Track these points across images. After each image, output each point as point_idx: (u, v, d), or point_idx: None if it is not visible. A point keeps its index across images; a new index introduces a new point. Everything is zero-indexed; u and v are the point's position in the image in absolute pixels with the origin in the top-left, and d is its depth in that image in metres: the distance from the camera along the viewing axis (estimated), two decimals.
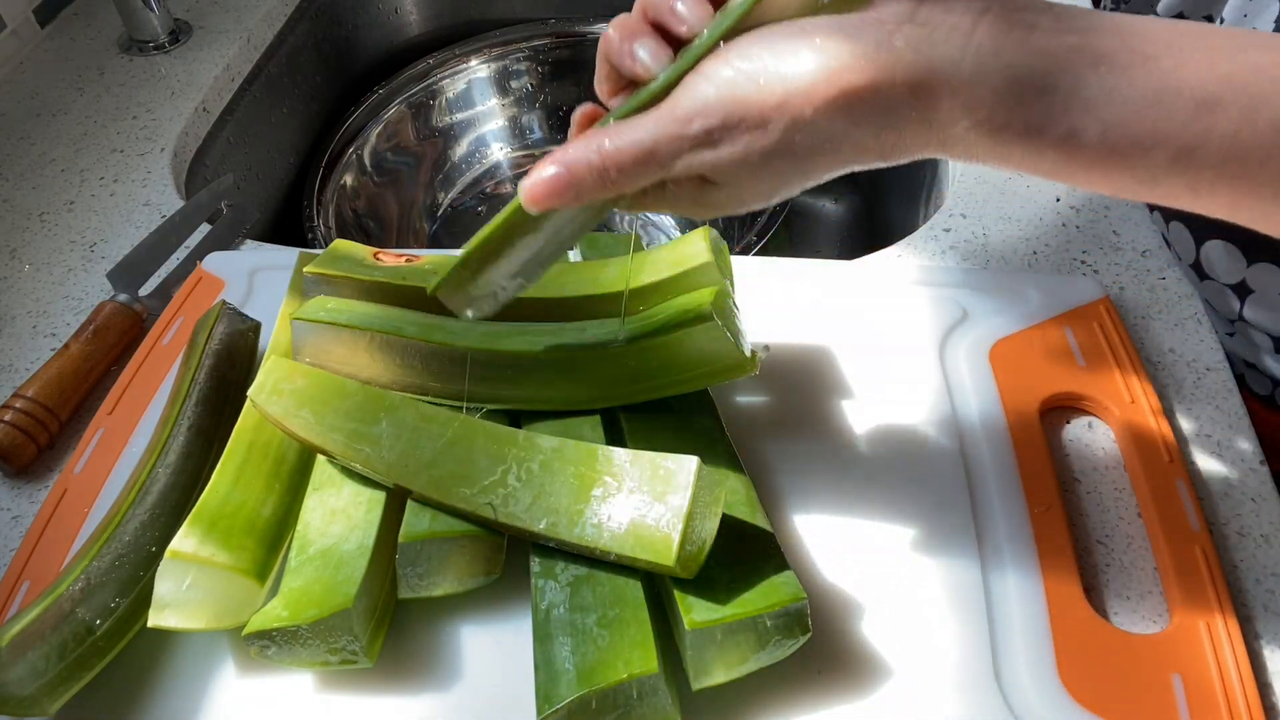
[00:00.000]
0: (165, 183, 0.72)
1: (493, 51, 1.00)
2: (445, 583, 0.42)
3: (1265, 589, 0.44)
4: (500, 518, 0.40)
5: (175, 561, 0.40)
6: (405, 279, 0.49)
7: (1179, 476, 0.47)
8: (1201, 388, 0.52)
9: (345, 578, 0.40)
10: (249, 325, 0.54)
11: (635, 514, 0.39)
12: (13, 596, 0.45)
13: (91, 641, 0.40)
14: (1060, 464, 0.49)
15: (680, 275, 0.46)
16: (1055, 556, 0.44)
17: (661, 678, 0.36)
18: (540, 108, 1.04)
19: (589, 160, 0.34)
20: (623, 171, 0.34)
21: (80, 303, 0.63)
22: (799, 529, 0.46)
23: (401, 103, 0.96)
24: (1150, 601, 0.44)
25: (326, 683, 0.42)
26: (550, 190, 0.35)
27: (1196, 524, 0.45)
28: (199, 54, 0.85)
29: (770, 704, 0.40)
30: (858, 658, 0.41)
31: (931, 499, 0.47)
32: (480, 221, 1.01)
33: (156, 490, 0.44)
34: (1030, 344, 0.53)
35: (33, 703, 0.38)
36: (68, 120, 0.79)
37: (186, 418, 0.47)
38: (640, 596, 0.39)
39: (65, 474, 0.50)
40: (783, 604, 0.37)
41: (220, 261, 0.62)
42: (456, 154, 1.02)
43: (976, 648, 0.41)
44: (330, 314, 0.47)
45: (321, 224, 0.84)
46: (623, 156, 0.34)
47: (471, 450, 0.42)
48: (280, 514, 0.44)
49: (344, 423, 0.43)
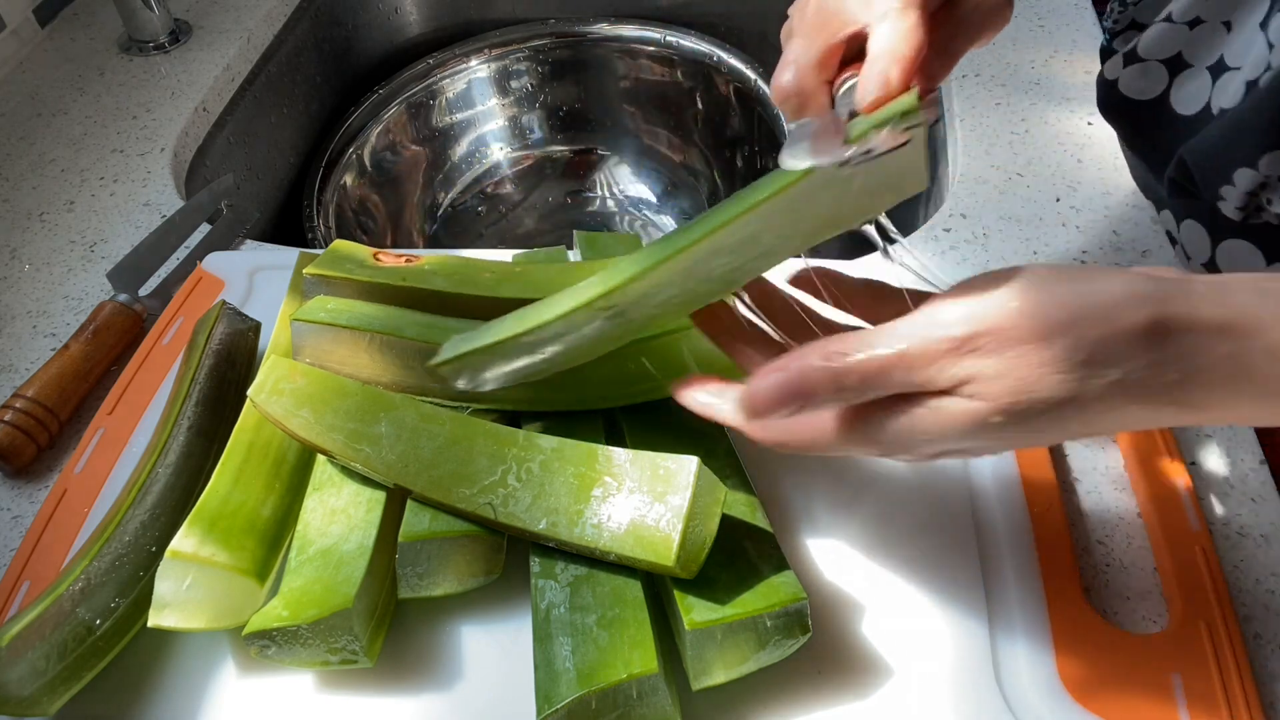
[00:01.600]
0: (165, 183, 0.72)
1: (493, 51, 1.00)
2: (445, 583, 0.42)
3: (1265, 589, 0.44)
4: (500, 518, 0.40)
5: (175, 561, 0.40)
6: (405, 280, 0.49)
7: (1179, 476, 0.47)
8: None
9: (345, 578, 0.40)
10: (249, 325, 0.54)
11: (635, 514, 0.39)
12: (13, 596, 0.45)
13: (91, 641, 0.40)
14: (1060, 464, 0.49)
15: None
16: (1055, 556, 0.44)
17: (661, 678, 0.36)
18: (540, 108, 1.04)
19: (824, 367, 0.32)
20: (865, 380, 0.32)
21: (80, 303, 0.63)
22: (799, 529, 0.46)
23: (401, 103, 0.96)
24: (1150, 601, 0.44)
25: (326, 683, 0.42)
26: (779, 400, 0.33)
27: (1196, 524, 0.45)
28: (199, 54, 0.85)
29: (770, 704, 0.40)
30: (858, 658, 0.41)
31: (932, 499, 0.47)
32: (480, 221, 1.02)
33: (156, 490, 0.44)
34: None
35: (33, 703, 0.38)
36: (68, 120, 0.79)
37: (186, 418, 0.47)
38: (640, 596, 0.39)
39: (65, 474, 0.50)
40: (783, 604, 0.37)
41: (220, 261, 0.62)
42: (456, 154, 1.02)
43: (976, 648, 0.41)
44: (330, 315, 0.47)
45: (321, 224, 0.84)
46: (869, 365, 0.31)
47: (471, 450, 0.42)
48: (280, 514, 0.44)
49: (344, 422, 0.43)
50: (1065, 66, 0.75)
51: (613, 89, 1.03)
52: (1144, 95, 0.52)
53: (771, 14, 1.01)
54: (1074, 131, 0.69)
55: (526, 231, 1.02)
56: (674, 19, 1.00)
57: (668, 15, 1.02)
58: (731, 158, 0.98)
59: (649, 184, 1.04)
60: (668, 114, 1.02)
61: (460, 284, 0.49)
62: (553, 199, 1.04)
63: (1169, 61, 0.51)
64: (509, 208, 1.03)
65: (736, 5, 1.02)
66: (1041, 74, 0.74)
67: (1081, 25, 0.79)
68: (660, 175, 1.03)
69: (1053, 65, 0.75)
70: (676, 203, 1.02)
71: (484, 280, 0.49)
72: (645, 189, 1.03)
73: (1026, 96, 0.72)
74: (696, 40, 0.97)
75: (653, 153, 1.04)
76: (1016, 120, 0.70)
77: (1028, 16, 0.80)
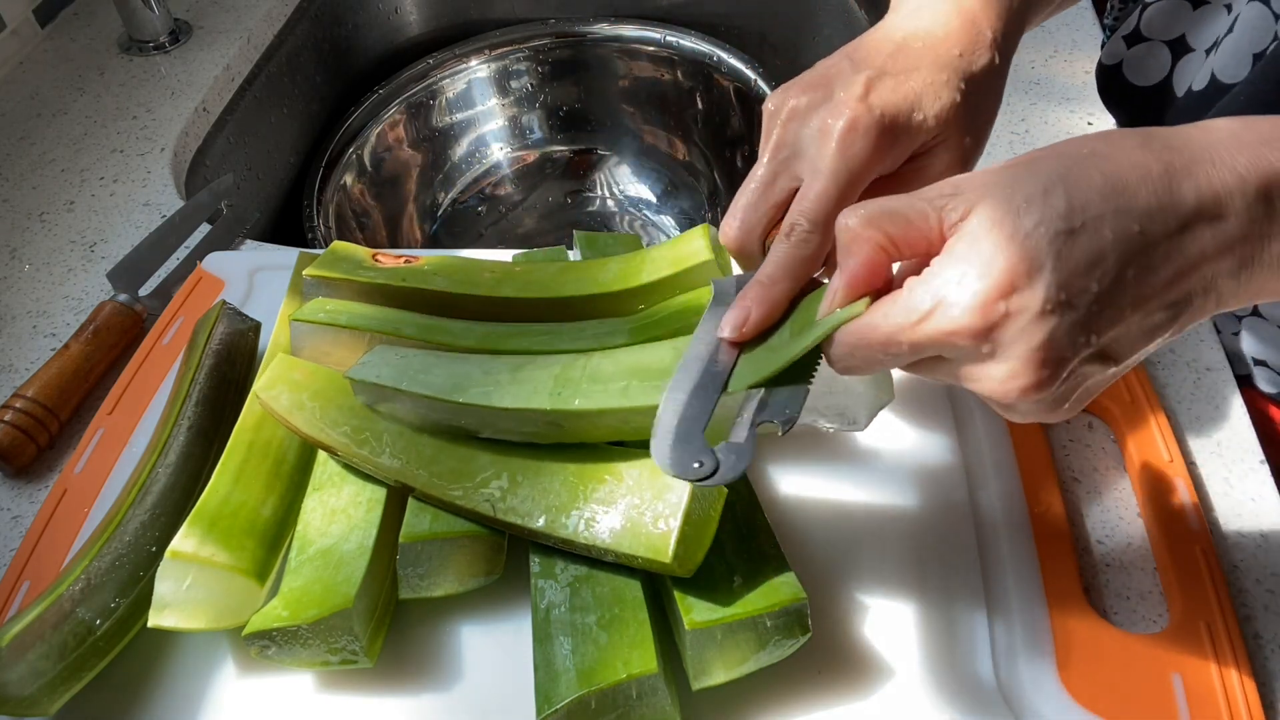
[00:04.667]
0: (165, 183, 0.72)
1: (493, 51, 1.00)
2: (446, 583, 0.42)
3: (1265, 589, 0.44)
4: (499, 514, 0.40)
5: (175, 561, 0.40)
6: (405, 280, 0.49)
7: (1179, 476, 0.47)
8: (1201, 388, 0.52)
9: (345, 578, 0.40)
10: (249, 325, 0.54)
11: (633, 511, 0.39)
12: (13, 596, 0.45)
13: (91, 641, 0.40)
14: (1060, 464, 0.49)
15: (681, 273, 0.46)
16: (1055, 556, 0.44)
17: (661, 677, 0.36)
18: (540, 108, 1.04)
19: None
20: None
21: (80, 303, 0.63)
22: (799, 529, 0.46)
23: (401, 103, 0.96)
24: (1150, 601, 0.44)
25: (326, 683, 0.42)
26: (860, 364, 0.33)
27: (1196, 524, 0.45)
28: (199, 54, 0.85)
29: (770, 704, 0.40)
30: (858, 658, 0.41)
31: (932, 499, 0.47)
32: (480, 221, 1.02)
33: (156, 490, 0.44)
34: None
35: (33, 703, 0.38)
36: (68, 120, 0.79)
37: (186, 418, 0.47)
38: (640, 596, 0.39)
39: (65, 474, 0.50)
40: (783, 604, 0.37)
41: (220, 261, 0.62)
42: (456, 154, 1.02)
43: (976, 648, 0.41)
44: (329, 315, 0.47)
45: (321, 224, 0.84)
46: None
47: (471, 447, 0.42)
48: (280, 514, 0.44)
49: (348, 419, 0.43)
50: (1065, 66, 0.75)
51: (613, 89, 1.03)
52: (1148, 81, 0.52)
53: (771, 14, 1.01)
54: (1074, 131, 0.69)
55: (526, 231, 1.02)
56: (674, 19, 1.00)
57: (668, 15, 1.02)
58: (731, 158, 0.98)
59: (649, 184, 1.04)
60: (668, 114, 1.02)
61: (460, 284, 0.49)
62: (553, 199, 1.04)
63: (1173, 44, 0.51)
64: (509, 208, 1.03)
65: (736, 5, 1.02)
66: (1041, 74, 0.74)
67: (1081, 25, 0.79)
68: (660, 175, 1.03)
69: (1053, 65, 0.75)
70: (676, 203, 1.02)
71: (484, 280, 0.49)
72: (645, 189, 1.03)
73: (1026, 96, 0.72)
74: (696, 40, 0.97)
75: (653, 153, 1.04)
76: (1016, 120, 0.70)
77: None
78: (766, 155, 0.40)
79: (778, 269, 0.37)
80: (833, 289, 0.33)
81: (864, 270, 0.32)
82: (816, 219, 0.37)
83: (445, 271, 0.50)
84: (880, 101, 0.38)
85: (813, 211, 0.37)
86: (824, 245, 0.37)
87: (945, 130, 0.39)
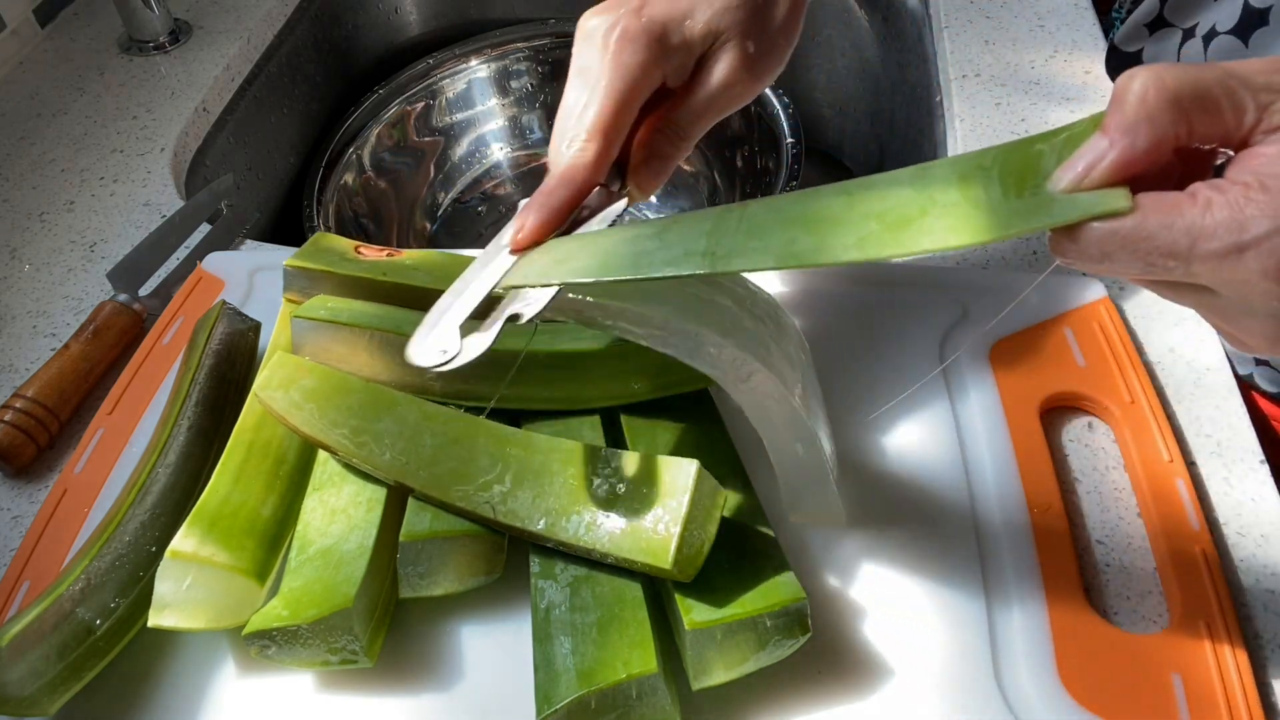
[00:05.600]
0: (165, 183, 0.72)
1: (493, 51, 1.00)
2: (446, 582, 0.42)
3: (1265, 589, 0.44)
4: (499, 516, 0.40)
5: (175, 561, 0.40)
6: (386, 274, 0.48)
7: (1179, 476, 0.47)
8: (1201, 388, 0.52)
9: (345, 578, 0.40)
10: (249, 325, 0.54)
11: (633, 516, 0.39)
12: (13, 596, 0.45)
13: (91, 641, 0.40)
14: (1060, 464, 0.49)
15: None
16: (1055, 556, 0.44)
17: (661, 677, 0.36)
18: (540, 108, 1.04)
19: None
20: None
21: (80, 303, 0.63)
22: (799, 529, 0.46)
23: (401, 103, 0.96)
24: (1150, 601, 0.44)
25: (326, 683, 0.42)
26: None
27: (1196, 524, 0.45)
28: (199, 54, 0.85)
29: (770, 704, 0.40)
30: (858, 658, 0.41)
31: (931, 499, 0.47)
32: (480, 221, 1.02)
33: (156, 490, 0.44)
34: (1030, 344, 0.53)
35: (33, 703, 0.38)
36: (68, 120, 0.79)
37: (186, 418, 0.47)
38: (640, 597, 0.39)
39: (65, 474, 0.50)
40: (783, 604, 0.37)
41: (220, 261, 0.62)
42: (456, 154, 1.02)
43: (976, 648, 0.41)
44: (331, 312, 0.47)
45: (321, 224, 0.84)
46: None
47: (472, 449, 0.42)
48: (280, 514, 0.44)
49: (347, 419, 0.43)
50: (1065, 66, 0.75)
51: None
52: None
53: None
54: None
55: None
56: None
57: None
58: (731, 158, 0.98)
59: None
60: None
61: (441, 279, 0.48)
62: None
63: (1187, 32, 0.50)
64: (509, 208, 1.03)
65: None
66: (1041, 74, 0.74)
67: (1081, 25, 0.79)
68: None
69: (1053, 65, 0.75)
70: (677, 202, 1.02)
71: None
72: None
73: (1026, 96, 0.72)
74: None
75: None
76: (1016, 120, 0.70)
77: (1027, 16, 0.80)
78: (569, 78, 0.41)
79: (556, 180, 0.38)
80: (1087, 161, 0.26)
81: (1146, 155, 0.26)
82: (594, 130, 0.38)
83: (427, 266, 0.50)
84: (652, 11, 0.39)
85: (590, 122, 0.38)
86: (603, 155, 0.38)
87: (724, 36, 0.40)
